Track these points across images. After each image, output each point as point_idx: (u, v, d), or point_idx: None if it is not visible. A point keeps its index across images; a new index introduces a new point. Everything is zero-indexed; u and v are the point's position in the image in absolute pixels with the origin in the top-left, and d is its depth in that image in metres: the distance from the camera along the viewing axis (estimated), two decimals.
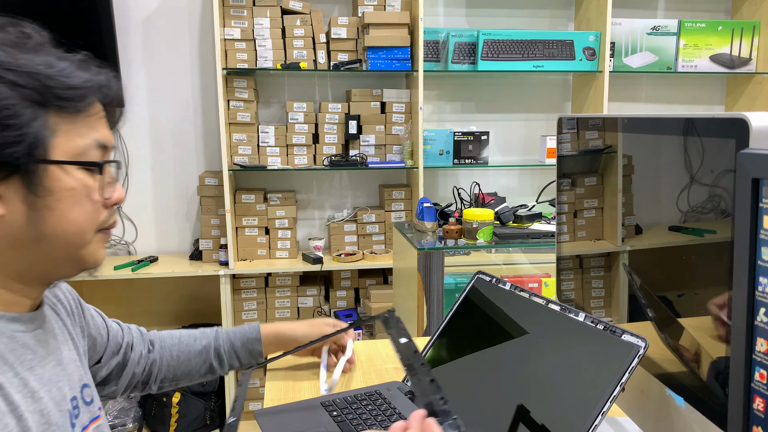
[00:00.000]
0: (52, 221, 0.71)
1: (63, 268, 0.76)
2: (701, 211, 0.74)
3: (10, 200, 0.69)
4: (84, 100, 0.72)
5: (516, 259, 2.74)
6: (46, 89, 0.69)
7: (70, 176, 0.71)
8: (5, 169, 0.67)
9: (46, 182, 0.70)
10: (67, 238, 0.73)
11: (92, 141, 0.73)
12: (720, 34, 3.09)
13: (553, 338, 0.94)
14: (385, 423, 1.03)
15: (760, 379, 0.58)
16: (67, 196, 0.71)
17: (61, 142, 0.70)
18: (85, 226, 0.74)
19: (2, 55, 0.68)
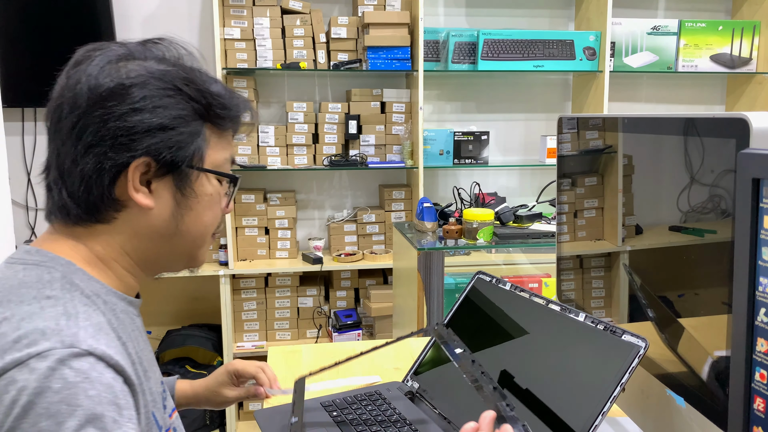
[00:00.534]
0: (189, 219, 0.80)
1: (178, 262, 0.85)
2: (701, 211, 0.74)
3: (161, 196, 0.77)
4: (234, 121, 0.83)
5: (516, 260, 2.74)
6: (209, 107, 0.79)
7: (211, 183, 0.81)
8: (164, 168, 0.76)
9: (195, 186, 0.79)
10: (194, 237, 0.82)
11: (229, 156, 0.84)
12: (720, 34, 3.09)
13: (553, 338, 0.94)
14: (385, 423, 1.03)
15: (760, 379, 0.58)
16: (206, 200, 0.81)
17: (211, 153, 0.80)
18: (211, 228, 0.84)
19: (179, 71, 0.78)
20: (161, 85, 0.75)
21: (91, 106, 0.73)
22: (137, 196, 0.76)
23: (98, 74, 0.74)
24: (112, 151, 0.74)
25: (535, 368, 0.93)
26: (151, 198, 0.77)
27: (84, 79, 0.74)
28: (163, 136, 0.75)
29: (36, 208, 2.99)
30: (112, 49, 0.78)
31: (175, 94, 0.76)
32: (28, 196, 2.97)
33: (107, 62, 0.76)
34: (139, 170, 0.75)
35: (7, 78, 2.65)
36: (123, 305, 0.79)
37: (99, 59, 0.76)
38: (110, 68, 0.75)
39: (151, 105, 0.74)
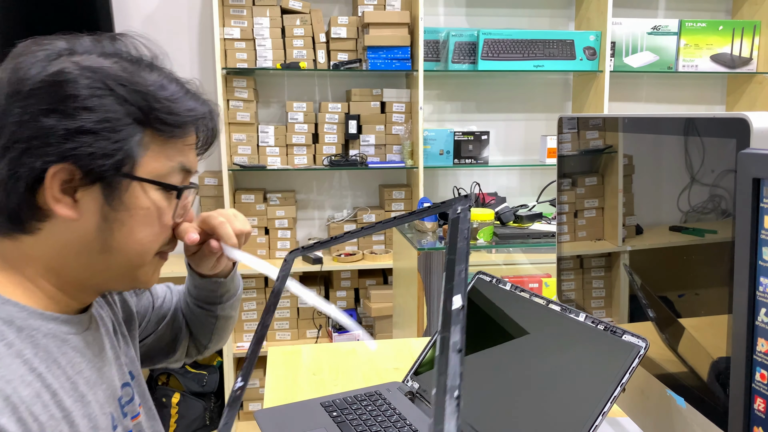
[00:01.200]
0: (119, 235, 0.72)
1: (117, 282, 0.77)
2: (702, 211, 0.73)
3: (87, 207, 0.70)
4: (182, 127, 0.73)
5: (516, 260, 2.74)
6: (150, 110, 0.70)
7: (147, 196, 0.72)
8: (89, 177, 0.68)
9: (124, 197, 0.71)
10: (129, 256, 0.74)
11: (177, 164, 0.74)
12: (721, 34, 3.09)
13: (553, 339, 0.94)
14: (385, 423, 1.03)
15: (760, 380, 0.58)
16: (141, 214, 0.72)
17: (149, 161, 0.71)
18: (149, 246, 0.75)
19: (118, 68, 0.70)
20: (90, 83, 0.67)
21: (10, 104, 0.67)
22: (57, 206, 0.68)
23: (27, 69, 0.67)
24: (25, 156, 0.66)
25: (535, 368, 0.93)
26: (75, 209, 0.69)
27: (8, 76, 0.68)
28: (83, 140, 0.67)
29: None
30: (54, 44, 0.70)
31: (105, 95, 0.68)
32: None
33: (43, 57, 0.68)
34: (60, 178, 0.67)
35: None
36: (50, 327, 0.71)
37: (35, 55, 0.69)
38: (41, 64, 0.68)
39: (72, 106, 0.66)
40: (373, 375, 1.25)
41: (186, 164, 0.75)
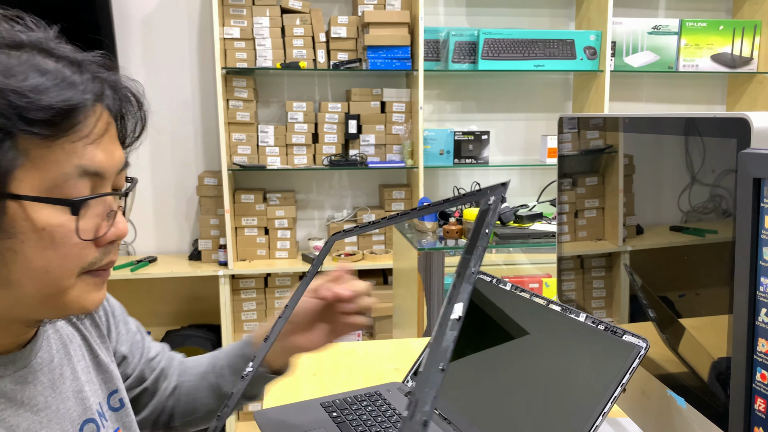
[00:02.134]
0: (16, 267, 0.58)
1: (43, 312, 0.63)
2: (702, 211, 0.73)
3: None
4: (62, 123, 0.56)
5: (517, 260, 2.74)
6: (12, 110, 0.54)
7: (38, 214, 0.57)
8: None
9: (7, 223, 0.56)
10: (39, 286, 0.59)
11: (73, 169, 0.58)
12: (721, 34, 3.09)
13: (553, 339, 0.94)
14: (385, 424, 1.03)
15: (761, 380, 0.58)
16: (33, 238, 0.57)
17: (30, 174, 0.56)
18: (59, 272, 0.59)
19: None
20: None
21: None
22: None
23: None
24: None
25: (535, 369, 0.93)
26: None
27: None
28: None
29: None
30: None
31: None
32: None
33: None
34: None
35: None
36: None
37: None
38: None
39: None
40: (373, 375, 1.25)
41: (89, 166, 0.59)
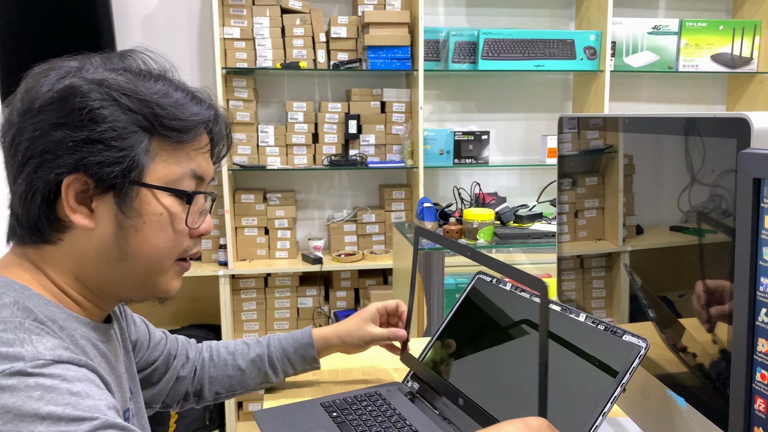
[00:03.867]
0: (135, 242, 0.74)
1: (136, 290, 0.79)
2: (702, 211, 0.73)
3: (102, 216, 0.72)
4: (188, 132, 0.75)
5: (517, 260, 2.74)
6: (155, 118, 0.72)
7: (160, 202, 0.74)
8: (101, 186, 0.71)
9: (136, 204, 0.73)
10: (146, 263, 0.76)
11: (188, 170, 0.76)
12: (721, 34, 3.09)
13: (553, 339, 0.94)
14: (385, 423, 1.03)
15: (761, 380, 0.58)
16: (154, 220, 0.74)
17: (158, 168, 0.74)
18: (165, 252, 0.76)
19: (122, 80, 0.72)
20: (95, 96, 0.70)
21: (23, 122, 0.70)
22: (74, 216, 0.71)
23: (38, 88, 0.71)
24: (41, 169, 0.70)
25: (535, 369, 0.93)
26: (92, 218, 0.72)
27: (22, 95, 0.72)
28: (91, 150, 0.69)
29: None
30: (66, 65, 0.74)
31: (110, 105, 0.71)
32: None
33: (54, 78, 0.72)
34: (74, 188, 0.71)
35: (7, 78, 2.65)
36: (83, 330, 0.75)
37: (48, 76, 0.72)
38: (51, 83, 0.71)
39: (78, 118, 0.69)
40: (373, 375, 1.25)
41: (197, 171, 0.77)
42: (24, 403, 0.59)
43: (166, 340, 1.08)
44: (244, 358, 1.14)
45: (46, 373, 0.62)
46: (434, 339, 1.17)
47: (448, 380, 1.05)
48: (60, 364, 0.64)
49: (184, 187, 0.76)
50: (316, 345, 1.16)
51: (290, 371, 1.16)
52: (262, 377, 1.14)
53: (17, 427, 0.58)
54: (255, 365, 1.14)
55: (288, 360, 1.15)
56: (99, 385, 0.66)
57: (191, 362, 1.11)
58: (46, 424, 0.59)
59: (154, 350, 1.05)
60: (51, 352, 0.64)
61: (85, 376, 0.65)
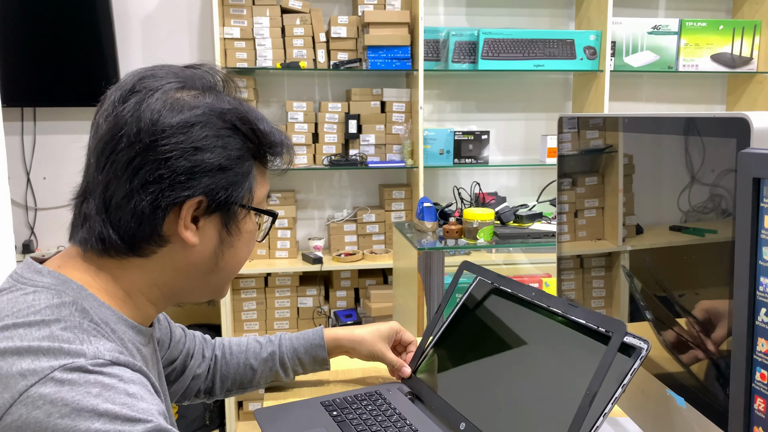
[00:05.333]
0: (229, 256, 0.80)
1: (205, 296, 0.85)
2: (702, 211, 0.73)
3: (205, 233, 0.77)
4: (278, 157, 0.82)
5: (516, 259, 2.74)
6: (261, 146, 0.79)
7: (251, 220, 0.81)
8: (214, 206, 0.75)
9: (240, 223, 0.79)
10: (229, 273, 0.82)
11: (267, 192, 0.84)
12: (721, 34, 3.09)
13: (554, 339, 0.94)
14: (385, 423, 1.03)
15: (761, 380, 0.58)
16: (246, 237, 0.81)
17: (256, 190, 0.80)
18: (242, 264, 0.84)
19: (236, 109, 0.77)
20: (222, 124, 0.75)
21: (153, 143, 0.72)
22: (186, 233, 0.75)
23: (161, 109, 0.72)
24: (169, 189, 0.72)
25: (535, 369, 0.93)
26: (197, 235, 0.76)
27: (147, 114, 0.72)
28: (221, 176, 0.74)
29: (35, 207, 2.99)
30: (167, 80, 0.76)
31: (233, 134, 0.76)
32: (27, 196, 2.97)
33: (167, 95, 0.74)
34: (192, 208, 0.74)
35: (7, 78, 2.65)
36: (131, 334, 0.77)
37: (156, 92, 0.74)
38: (172, 102, 0.73)
39: (212, 144, 0.73)
40: (373, 374, 1.25)
41: (268, 191, 0.85)
42: (83, 398, 0.60)
43: (185, 338, 1.10)
44: (256, 357, 1.14)
45: (105, 372, 0.64)
46: (434, 339, 1.17)
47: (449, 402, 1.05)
48: (117, 366, 0.66)
49: (264, 207, 0.83)
50: (327, 346, 1.16)
51: (300, 371, 1.17)
52: (273, 376, 1.15)
53: (74, 422, 0.59)
54: (266, 364, 1.15)
55: (298, 360, 1.16)
56: (150, 390, 0.68)
57: (206, 361, 1.12)
58: (103, 421, 0.60)
59: (174, 349, 1.06)
60: (110, 353, 0.66)
61: (139, 380, 0.67)
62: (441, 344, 1.16)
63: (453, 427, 1.00)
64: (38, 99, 2.86)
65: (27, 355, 0.63)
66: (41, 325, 0.66)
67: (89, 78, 2.83)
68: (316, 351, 1.16)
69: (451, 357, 1.11)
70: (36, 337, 0.65)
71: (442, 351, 1.14)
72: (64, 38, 2.80)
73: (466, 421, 0.97)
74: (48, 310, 0.68)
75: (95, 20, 2.82)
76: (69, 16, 2.80)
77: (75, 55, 2.81)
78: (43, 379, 0.61)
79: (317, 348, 1.16)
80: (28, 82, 2.81)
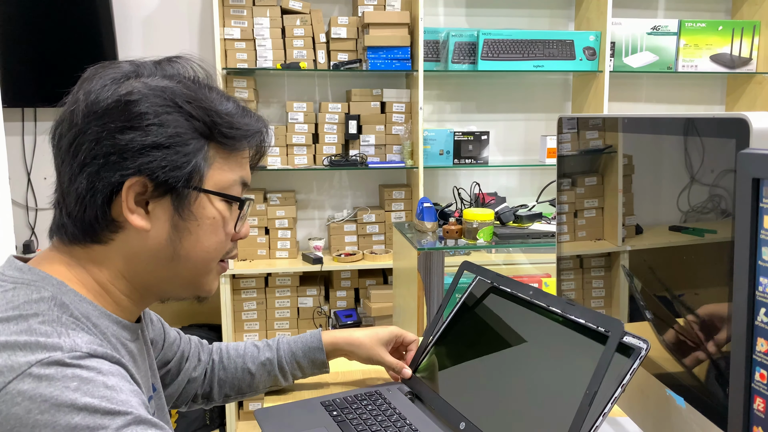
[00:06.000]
0: (188, 244, 0.77)
1: (181, 290, 0.82)
2: (701, 211, 0.74)
3: (158, 218, 0.75)
4: (243, 141, 0.79)
5: (516, 259, 2.74)
6: (213, 125, 0.76)
7: (213, 206, 0.78)
8: (160, 189, 0.73)
9: (193, 208, 0.76)
10: (196, 263, 0.79)
11: (238, 177, 0.80)
12: (720, 34, 3.09)
13: (554, 339, 0.94)
14: (385, 423, 1.03)
15: (760, 380, 0.58)
16: (207, 223, 0.78)
17: (213, 174, 0.77)
18: (214, 254, 0.80)
19: (183, 88, 0.75)
20: (159, 102, 0.73)
21: (87, 124, 0.72)
22: (132, 217, 0.73)
23: (99, 91, 0.73)
24: (103, 170, 0.71)
25: (534, 369, 0.93)
26: (148, 219, 0.74)
27: (83, 97, 0.73)
28: (156, 155, 0.72)
29: (36, 208, 2.99)
30: (121, 67, 0.76)
31: (173, 111, 0.73)
32: (28, 196, 2.97)
33: (111, 80, 0.74)
34: (134, 190, 0.73)
35: (7, 78, 2.65)
36: (114, 329, 0.76)
37: (104, 78, 0.74)
38: (112, 85, 0.73)
39: (145, 123, 0.72)
40: (373, 374, 1.26)
41: (245, 177, 0.81)
42: (61, 393, 0.60)
43: (180, 341, 1.09)
44: (253, 361, 1.14)
45: (83, 364, 0.63)
46: (434, 339, 1.17)
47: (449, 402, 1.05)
48: (95, 358, 0.65)
49: (234, 193, 0.80)
50: (325, 349, 1.16)
51: (299, 375, 1.17)
52: (272, 380, 1.15)
53: (54, 417, 0.59)
54: (264, 368, 1.14)
55: (297, 364, 1.15)
56: (130, 381, 0.68)
57: (203, 364, 1.11)
58: (83, 415, 0.60)
59: (168, 350, 1.06)
60: (87, 345, 0.66)
61: (118, 371, 0.67)
62: (441, 344, 1.16)
63: (453, 427, 1.00)
64: (39, 99, 2.86)
65: (3, 350, 0.63)
66: (19, 320, 0.66)
67: None
68: (315, 354, 1.15)
69: (450, 357, 1.11)
70: (13, 331, 0.65)
71: (442, 351, 1.14)
72: (65, 38, 2.80)
73: (466, 420, 0.97)
74: (26, 305, 0.68)
75: (95, 20, 2.82)
76: (69, 17, 2.80)
77: (75, 56, 2.81)
78: (21, 375, 0.61)
79: (315, 351, 1.15)
80: (28, 82, 2.81)
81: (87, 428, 0.60)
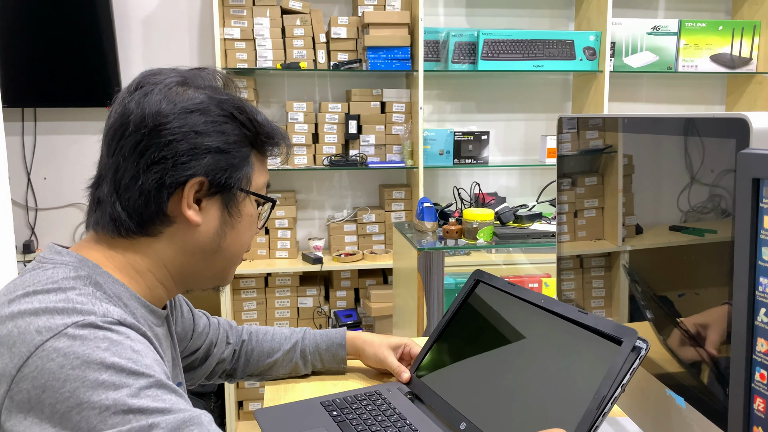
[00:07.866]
0: (230, 238, 0.86)
1: (210, 280, 0.90)
2: (701, 211, 0.74)
3: (209, 214, 0.84)
4: (275, 147, 0.90)
5: (516, 259, 2.74)
6: (257, 134, 0.86)
7: (251, 205, 0.88)
8: (214, 188, 0.82)
9: (240, 206, 0.86)
10: (231, 256, 0.88)
11: (266, 180, 0.90)
12: (720, 34, 3.09)
13: (553, 339, 0.94)
14: (385, 423, 1.03)
15: (760, 380, 0.58)
16: (247, 220, 0.88)
17: (255, 177, 0.87)
18: (246, 248, 0.90)
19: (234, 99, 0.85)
20: (220, 112, 0.82)
21: (156, 127, 0.79)
22: (189, 212, 0.81)
23: (162, 99, 0.80)
24: (173, 169, 0.79)
25: (535, 368, 0.93)
26: (200, 215, 0.83)
27: (149, 103, 0.80)
28: (219, 158, 0.81)
29: (36, 208, 2.99)
30: (169, 76, 0.84)
31: (230, 121, 0.83)
32: (27, 196, 2.97)
33: (167, 88, 0.82)
34: (194, 189, 0.81)
35: (7, 78, 2.65)
36: (143, 312, 0.83)
37: (159, 87, 0.82)
38: (170, 94, 0.81)
39: (210, 129, 0.81)
40: (373, 374, 1.26)
41: (268, 180, 0.92)
42: (92, 352, 0.67)
43: (209, 329, 1.16)
44: (280, 347, 1.21)
45: (113, 329, 0.71)
46: (433, 339, 1.17)
47: (449, 402, 1.05)
48: (125, 326, 0.73)
49: (264, 194, 0.90)
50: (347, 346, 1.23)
51: (318, 366, 1.24)
52: (292, 366, 1.22)
53: (84, 372, 0.66)
54: (288, 355, 1.21)
55: (319, 355, 1.23)
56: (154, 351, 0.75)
57: (231, 347, 1.19)
58: (110, 372, 0.67)
59: (197, 340, 1.13)
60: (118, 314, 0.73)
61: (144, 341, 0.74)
62: (441, 344, 1.16)
63: (453, 427, 1.00)
64: (38, 99, 2.86)
65: (43, 314, 0.70)
66: (58, 291, 0.73)
67: (89, 78, 2.84)
68: (337, 350, 1.22)
69: (451, 357, 1.11)
70: (52, 300, 0.72)
71: (443, 351, 1.14)
72: (65, 39, 2.80)
73: (466, 421, 0.97)
74: (65, 281, 0.75)
75: (95, 20, 2.82)
76: (69, 17, 2.80)
77: (75, 56, 2.81)
78: (57, 334, 0.67)
79: (338, 347, 1.22)
80: (28, 83, 2.81)
81: (112, 385, 0.66)
